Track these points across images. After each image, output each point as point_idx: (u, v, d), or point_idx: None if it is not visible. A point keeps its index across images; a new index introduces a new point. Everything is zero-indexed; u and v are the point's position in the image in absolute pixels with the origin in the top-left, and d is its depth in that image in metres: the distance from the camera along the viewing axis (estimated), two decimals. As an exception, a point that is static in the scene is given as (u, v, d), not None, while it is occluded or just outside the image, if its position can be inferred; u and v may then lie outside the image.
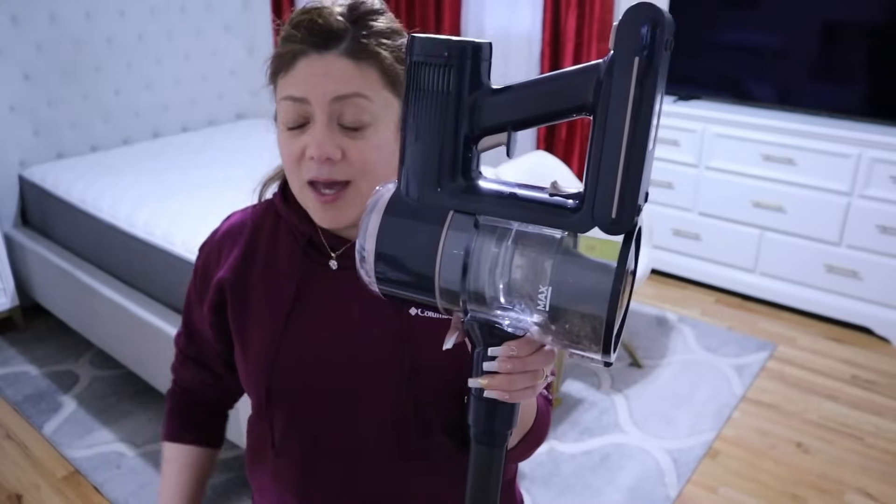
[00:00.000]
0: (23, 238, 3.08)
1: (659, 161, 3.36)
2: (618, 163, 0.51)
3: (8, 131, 3.05)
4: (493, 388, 0.60)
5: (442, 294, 0.58)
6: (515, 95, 0.56)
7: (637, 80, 0.49)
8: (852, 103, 2.99)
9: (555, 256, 0.54)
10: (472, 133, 0.57)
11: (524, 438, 0.82)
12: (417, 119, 0.57)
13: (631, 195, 0.52)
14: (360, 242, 0.60)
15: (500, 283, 0.55)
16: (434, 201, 0.58)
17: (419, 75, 0.56)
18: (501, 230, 0.56)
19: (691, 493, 2.22)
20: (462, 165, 0.58)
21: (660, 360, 2.89)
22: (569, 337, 0.55)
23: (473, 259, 0.56)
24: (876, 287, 2.96)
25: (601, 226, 0.52)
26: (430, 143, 0.57)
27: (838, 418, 2.56)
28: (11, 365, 2.89)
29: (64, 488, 2.26)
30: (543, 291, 0.54)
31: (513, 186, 0.59)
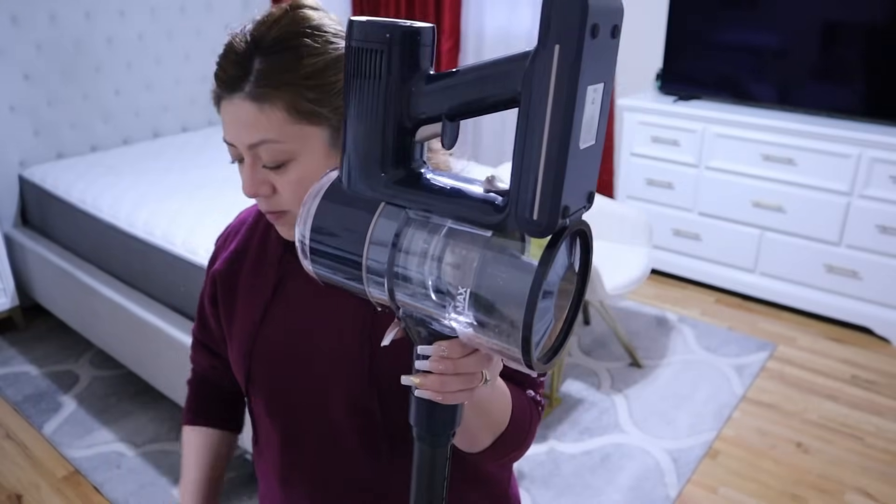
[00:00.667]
0: (23, 238, 3.08)
1: (659, 161, 3.36)
2: (538, 160, 0.47)
3: (8, 131, 3.05)
4: (425, 387, 0.59)
5: (371, 286, 0.57)
6: (447, 83, 0.53)
7: (558, 69, 0.45)
8: (852, 103, 2.99)
9: (479, 256, 0.51)
10: (408, 122, 0.55)
11: (498, 441, 0.81)
12: (355, 106, 0.55)
13: (553, 195, 0.47)
14: (298, 230, 0.60)
15: (429, 280, 0.53)
16: (367, 191, 0.56)
17: (357, 60, 0.54)
18: (434, 225, 0.54)
19: (691, 493, 2.22)
20: (400, 155, 0.56)
21: (660, 360, 2.89)
22: (493, 342, 0.52)
23: (401, 252, 0.54)
24: (876, 287, 2.96)
25: (523, 227, 0.49)
26: (366, 131, 0.55)
27: (838, 418, 2.56)
28: (11, 365, 2.89)
29: (64, 488, 2.26)
30: (462, 292, 0.51)
31: (455, 180, 0.56)
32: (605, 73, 0.48)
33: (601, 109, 0.50)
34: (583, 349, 2.97)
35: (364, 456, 0.88)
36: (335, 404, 0.87)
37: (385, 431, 0.85)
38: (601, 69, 0.48)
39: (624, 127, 3.43)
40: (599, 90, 0.48)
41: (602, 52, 0.47)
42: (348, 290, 0.60)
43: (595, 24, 0.44)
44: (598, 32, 0.45)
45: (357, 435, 0.87)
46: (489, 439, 0.79)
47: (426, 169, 0.58)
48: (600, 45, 0.46)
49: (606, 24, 0.46)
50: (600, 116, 0.50)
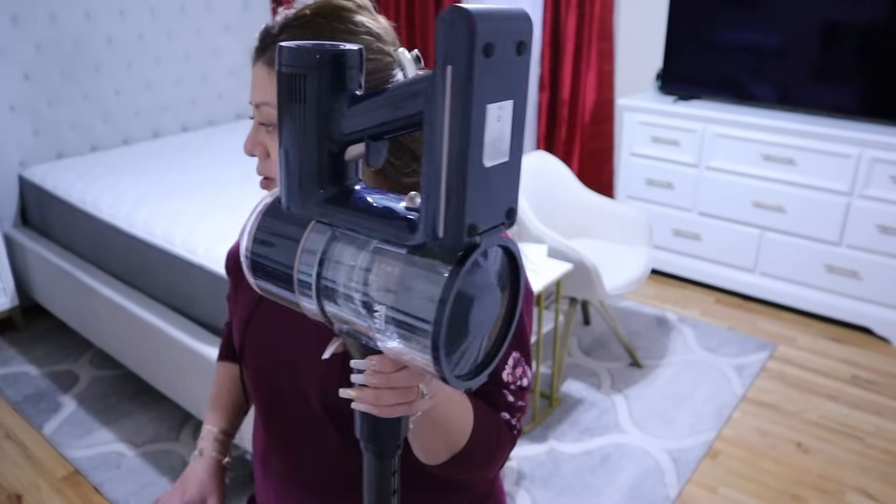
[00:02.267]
0: (23, 238, 3.08)
1: (659, 161, 3.36)
2: (439, 179, 0.47)
3: (8, 131, 3.05)
4: (361, 401, 0.61)
5: (301, 298, 0.59)
6: (367, 104, 0.55)
7: (451, 89, 0.45)
8: (852, 103, 2.99)
9: (397, 273, 0.52)
10: (335, 142, 0.56)
11: (456, 458, 0.80)
12: (286, 128, 0.57)
13: (457, 214, 0.47)
14: (241, 244, 0.63)
15: (354, 295, 0.54)
16: (298, 209, 0.58)
17: (287, 84, 0.56)
18: (361, 241, 0.55)
19: (691, 493, 2.22)
20: (332, 174, 0.57)
21: (660, 360, 2.89)
22: (411, 357, 0.53)
23: (328, 268, 0.56)
24: (876, 287, 2.96)
25: (433, 245, 0.50)
26: (298, 151, 0.57)
27: (838, 418, 2.56)
28: (11, 365, 2.89)
29: (64, 488, 2.26)
30: (380, 309, 0.52)
31: (384, 198, 0.57)
32: (513, 89, 0.49)
33: (513, 126, 0.49)
34: (583, 349, 2.97)
35: (336, 446, 0.90)
36: (312, 398, 0.89)
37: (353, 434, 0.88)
38: (505, 87, 0.48)
39: (624, 127, 3.43)
40: (507, 107, 0.48)
41: (504, 69, 0.47)
42: (286, 303, 0.62)
43: (488, 43, 0.45)
44: (494, 51, 0.45)
45: (332, 426, 0.89)
46: (445, 454, 0.79)
47: (361, 186, 0.59)
48: (500, 63, 0.46)
49: (506, 42, 0.46)
50: (513, 132, 0.50)
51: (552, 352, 2.62)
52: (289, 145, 0.57)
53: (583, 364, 2.86)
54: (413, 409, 0.62)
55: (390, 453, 0.64)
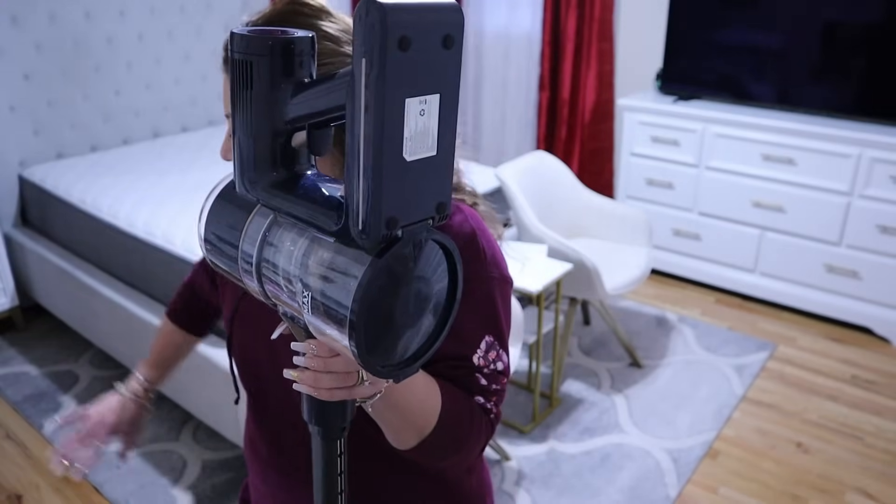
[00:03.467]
0: (23, 238, 3.08)
1: (659, 161, 3.36)
2: (358, 172, 0.48)
3: (8, 131, 3.05)
4: (302, 382, 0.62)
5: (245, 277, 0.61)
6: (306, 93, 0.56)
7: (365, 82, 0.45)
8: (852, 103, 2.99)
9: (326, 258, 0.53)
10: (281, 129, 0.57)
11: (426, 443, 0.80)
12: (238, 113, 0.58)
13: (374, 207, 0.48)
14: (198, 225, 0.66)
15: (291, 279, 0.56)
16: (248, 193, 0.60)
17: (237, 70, 0.56)
18: (300, 227, 0.56)
19: (691, 493, 2.22)
20: (280, 159, 0.58)
21: (660, 360, 2.89)
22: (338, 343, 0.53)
23: (269, 249, 0.58)
24: (876, 287, 2.96)
25: (355, 237, 0.50)
26: (247, 137, 0.58)
27: (838, 418, 2.56)
28: (11, 365, 2.89)
29: (64, 488, 2.26)
30: (306, 294, 0.53)
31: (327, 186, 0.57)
32: (440, 83, 0.48)
33: (441, 119, 0.49)
34: (583, 349, 2.97)
35: None
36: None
37: None
38: (430, 80, 0.47)
39: (624, 127, 3.43)
40: (433, 101, 0.48)
41: (427, 63, 0.46)
42: (236, 281, 0.64)
43: (404, 36, 0.44)
44: (411, 45, 0.44)
45: None
46: (414, 439, 0.80)
47: (312, 172, 0.60)
48: (420, 57, 0.46)
49: (428, 35, 0.45)
50: (441, 126, 0.49)
51: (552, 352, 2.62)
52: (239, 131, 0.58)
53: (583, 364, 2.86)
54: (353, 394, 0.63)
55: (336, 434, 0.65)
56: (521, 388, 2.68)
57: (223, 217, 0.63)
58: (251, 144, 0.58)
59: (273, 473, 1.01)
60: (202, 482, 2.26)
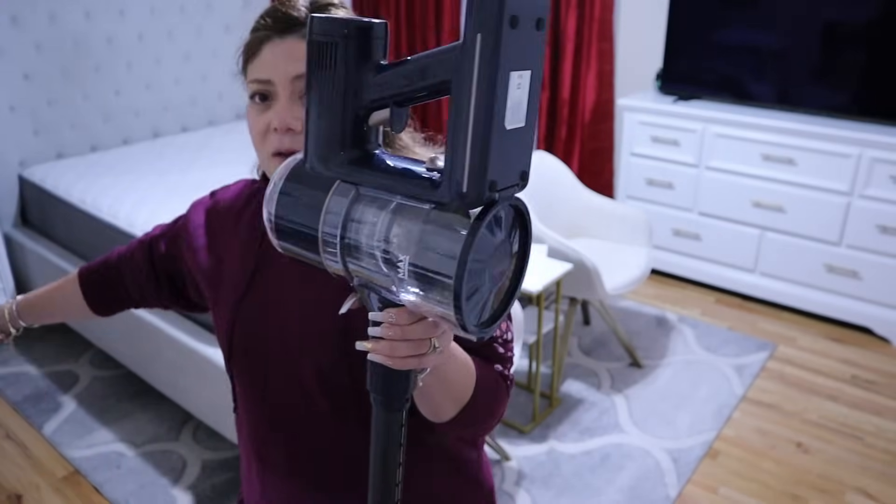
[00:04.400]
0: (23, 238, 3.08)
1: (659, 161, 3.36)
2: (465, 138, 0.52)
3: (8, 131, 3.05)
4: (377, 352, 0.64)
5: (326, 257, 0.63)
6: (393, 73, 0.59)
7: (480, 56, 0.50)
8: (852, 103, 2.99)
9: (419, 228, 0.56)
10: (361, 108, 0.60)
11: (463, 413, 0.84)
12: (315, 94, 0.61)
13: (479, 170, 0.52)
14: (265, 205, 0.66)
15: (377, 251, 0.58)
16: (325, 171, 0.62)
17: (317, 53, 0.60)
18: (383, 201, 0.59)
19: (691, 493, 2.22)
20: (355, 138, 0.61)
21: (660, 360, 2.89)
22: (433, 307, 0.57)
23: (352, 225, 0.60)
24: (876, 287, 2.96)
25: (455, 200, 0.54)
26: (324, 116, 0.61)
27: (838, 418, 2.56)
28: (11, 365, 2.89)
29: (64, 488, 2.26)
30: (403, 260, 0.56)
31: (405, 161, 0.62)
32: (531, 61, 0.53)
33: (530, 94, 0.54)
34: (583, 349, 2.97)
35: (336, 424, 0.91)
36: (307, 375, 0.90)
37: (355, 402, 0.88)
38: (526, 57, 0.53)
39: (624, 127, 3.43)
40: (526, 76, 0.53)
41: (525, 41, 0.52)
42: (309, 262, 0.65)
43: (514, 15, 0.49)
44: (518, 24, 0.50)
45: (329, 405, 0.90)
46: (453, 410, 0.83)
47: (381, 151, 0.64)
48: (522, 35, 0.51)
49: (528, 16, 0.51)
50: (530, 100, 0.55)
51: (552, 352, 2.62)
52: (318, 109, 0.61)
53: (583, 364, 2.86)
54: (424, 362, 0.65)
55: (400, 405, 0.67)
56: (522, 388, 2.68)
57: (297, 197, 0.64)
58: (330, 123, 0.61)
59: (289, 481, 0.97)
60: (202, 482, 2.26)
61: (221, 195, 1.08)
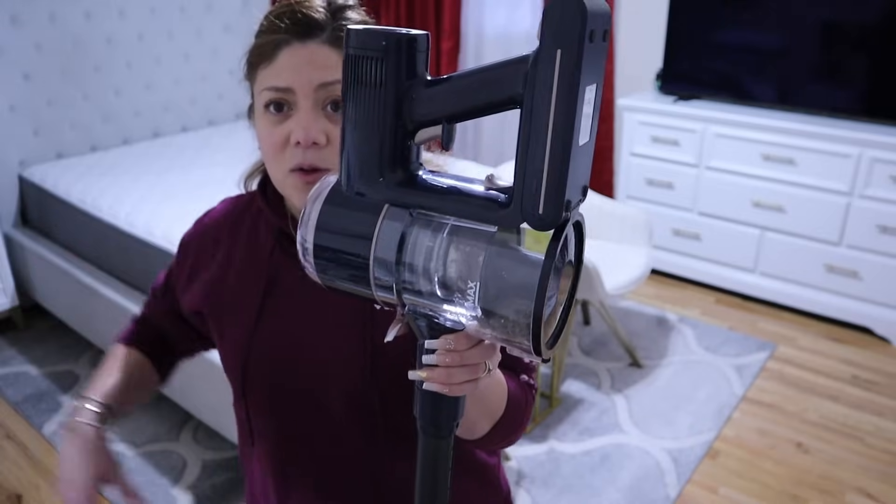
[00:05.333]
0: (23, 238, 3.08)
1: (659, 161, 3.36)
2: (543, 157, 0.50)
3: (8, 131, 3.05)
4: (432, 380, 0.61)
5: (377, 286, 0.59)
6: (447, 87, 0.56)
7: (560, 72, 0.48)
8: (852, 103, 2.99)
9: (485, 251, 0.53)
10: (408, 125, 0.57)
11: (496, 426, 0.82)
12: (354, 111, 0.57)
13: (557, 190, 0.50)
14: (301, 233, 0.60)
15: (435, 276, 0.55)
16: (371, 193, 0.58)
17: (356, 67, 0.56)
18: (437, 223, 0.56)
19: (691, 493, 2.22)
20: (400, 158, 0.58)
21: (660, 360, 2.89)
22: (502, 332, 0.55)
23: (407, 251, 0.56)
24: (876, 287, 2.96)
25: (529, 221, 0.52)
26: (367, 135, 0.57)
27: (838, 418, 2.56)
28: (11, 365, 2.89)
29: (64, 488, 2.26)
30: (472, 286, 0.54)
31: (452, 180, 0.58)
32: (599, 74, 0.52)
33: (595, 108, 0.53)
34: (583, 349, 2.97)
35: (365, 452, 0.88)
36: (336, 401, 0.87)
37: (386, 427, 0.86)
38: (596, 71, 0.51)
39: (624, 127, 3.43)
40: (594, 90, 0.52)
41: (596, 55, 0.51)
42: (352, 293, 0.61)
43: (592, 29, 0.48)
44: (595, 37, 0.49)
45: (358, 431, 0.87)
46: (487, 426, 0.81)
47: (423, 170, 0.60)
48: (595, 48, 0.50)
49: (600, 28, 0.50)
50: (594, 114, 0.53)
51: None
52: (360, 128, 0.57)
53: (583, 364, 2.86)
54: (477, 387, 0.63)
55: (448, 433, 0.65)
56: (521, 388, 2.68)
57: (340, 223, 0.60)
58: (374, 143, 0.57)
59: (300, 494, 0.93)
60: (202, 482, 2.25)
61: (207, 218, 1.01)
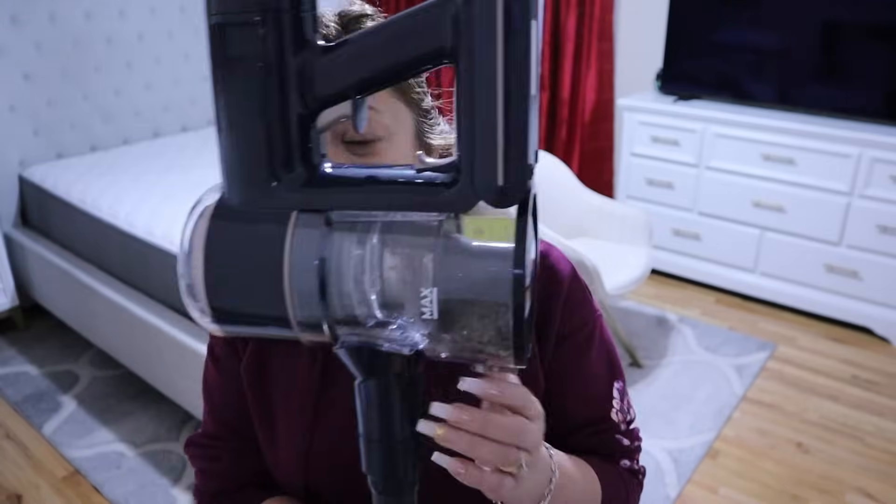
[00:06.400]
0: (23, 238, 3.08)
1: (659, 161, 3.36)
2: (496, 116, 0.40)
3: (8, 131, 3.05)
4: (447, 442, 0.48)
5: (302, 327, 0.45)
6: (351, 51, 0.43)
7: (505, 8, 0.39)
8: (852, 103, 2.99)
9: (435, 248, 0.43)
10: (306, 107, 0.44)
11: None
12: (228, 99, 0.44)
13: (518, 154, 0.40)
14: (181, 269, 0.47)
15: (372, 294, 0.43)
16: (269, 202, 0.45)
17: (223, 41, 0.43)
18: (363, 224, 0.44)
19: (691, 493, 2.22)
20: (299, 151, 0.45)
21: (660, 360, 2.89)
22: (469, 346, 0.44)
23: (332, 268, 0.44)
24: (876, 287, 2.96)
25: (487, 198, 0.41)
26: (250, 128, 0.44)
27: (839, 418, 2.56)
28: (11, 365, 2.89)
29: (64, 488, 2.26)
30: (427, 295, 0.42)
31: (368, 169, 0.47)
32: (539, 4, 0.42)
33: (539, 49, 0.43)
34: (583, 349, 2.96)
35: None
36: None
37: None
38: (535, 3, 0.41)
39: (624, 127, 3.43)
40: (538, 26, 0.41)
41: None
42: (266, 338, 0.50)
43: None
44: None
45: None
46: None
47: (328, 163, 0.48)
48: None
49: None
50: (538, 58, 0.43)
51: (552, 352, 2.61)
52: (241, 123, 0.44)
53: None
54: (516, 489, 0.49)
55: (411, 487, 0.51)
56: (521, 388, 2.67)
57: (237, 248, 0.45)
58: (262, 136, 0.44)
59: None
60: (202, 482, 2.25)
61: None
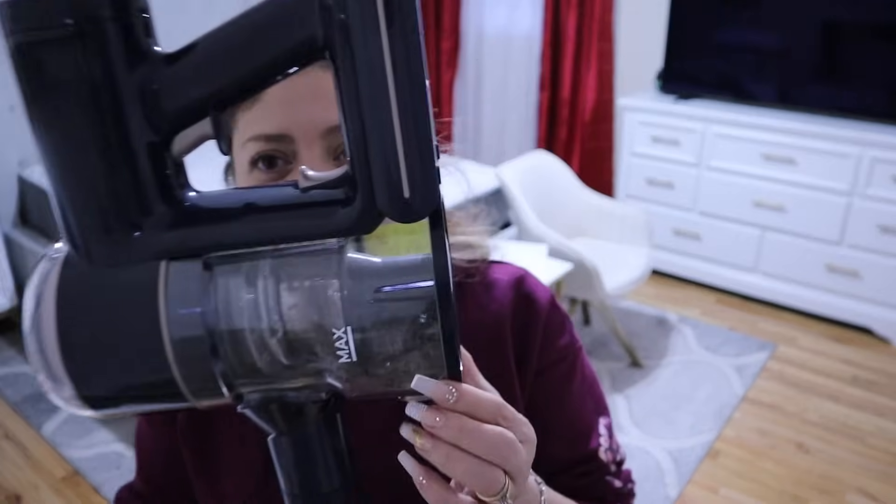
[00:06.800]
0: (23, 238, 3.08)
1: (659, 161, 3.36)
2: (390, 115, 0.34)
3: (8, 131, 3.05)
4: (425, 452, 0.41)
5: (195, 394, 0.38)
6: (203, 54, 0.36)
7: None
8: (853, 103, 2.99)
9: (339, 275, 0.36)
10: (155, 133, 0.37)
11: None
12: (52, 137, 0.36)
13: (423, 157, 0.34)
14: (33, 343, 0.40)
15: (273, 341, 0.37)
16: (128, 254, 0.37)
17: (33, 63, 0.35)
18: (250, 263, 0.37)
19: (691, 493, 2.22)
20: (157, 188, 0.37)
21: (660, 360, 2.89)
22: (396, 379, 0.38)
23: (220, 320, 0.36)
24: (876, 287, 2.96)
25: (392, 214, 0.36)
26: (87, 171, 0.36)
27: (839, 418, 2.56)
28: (11, 365, 2.89)
29: (63, 488, 2.26)
30: (341, 336, 0.36)
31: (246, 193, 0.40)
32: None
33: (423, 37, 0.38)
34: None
35: None
36: None
37: None
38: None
39: (624, 127, 3.43)
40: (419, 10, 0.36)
41: None
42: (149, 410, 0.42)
43: None
44: None
45: None
46: None
47: (194, 193, 0.40)
48: None
49: None
50: None
51: (552, 352, 2.62)
52: (77, 163, 0.36)
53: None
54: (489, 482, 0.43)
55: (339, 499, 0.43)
56: (522, 389, 2.68)
57: (100, 324, 0.37)
58: (107, 176, 0.36)
59: None
60: (202, 482, 2.25)
61: None
